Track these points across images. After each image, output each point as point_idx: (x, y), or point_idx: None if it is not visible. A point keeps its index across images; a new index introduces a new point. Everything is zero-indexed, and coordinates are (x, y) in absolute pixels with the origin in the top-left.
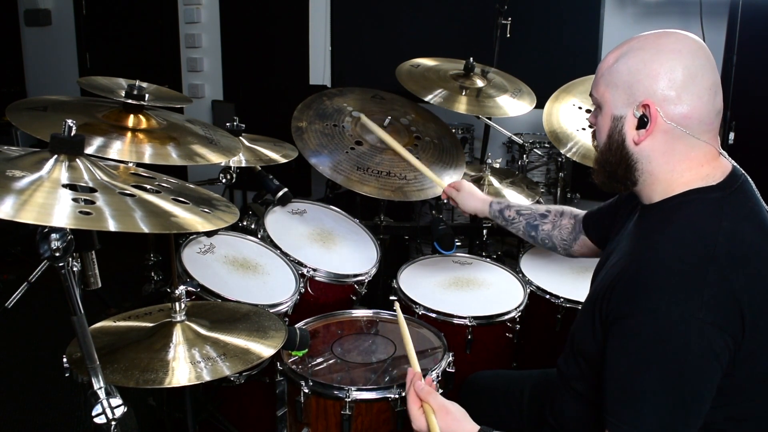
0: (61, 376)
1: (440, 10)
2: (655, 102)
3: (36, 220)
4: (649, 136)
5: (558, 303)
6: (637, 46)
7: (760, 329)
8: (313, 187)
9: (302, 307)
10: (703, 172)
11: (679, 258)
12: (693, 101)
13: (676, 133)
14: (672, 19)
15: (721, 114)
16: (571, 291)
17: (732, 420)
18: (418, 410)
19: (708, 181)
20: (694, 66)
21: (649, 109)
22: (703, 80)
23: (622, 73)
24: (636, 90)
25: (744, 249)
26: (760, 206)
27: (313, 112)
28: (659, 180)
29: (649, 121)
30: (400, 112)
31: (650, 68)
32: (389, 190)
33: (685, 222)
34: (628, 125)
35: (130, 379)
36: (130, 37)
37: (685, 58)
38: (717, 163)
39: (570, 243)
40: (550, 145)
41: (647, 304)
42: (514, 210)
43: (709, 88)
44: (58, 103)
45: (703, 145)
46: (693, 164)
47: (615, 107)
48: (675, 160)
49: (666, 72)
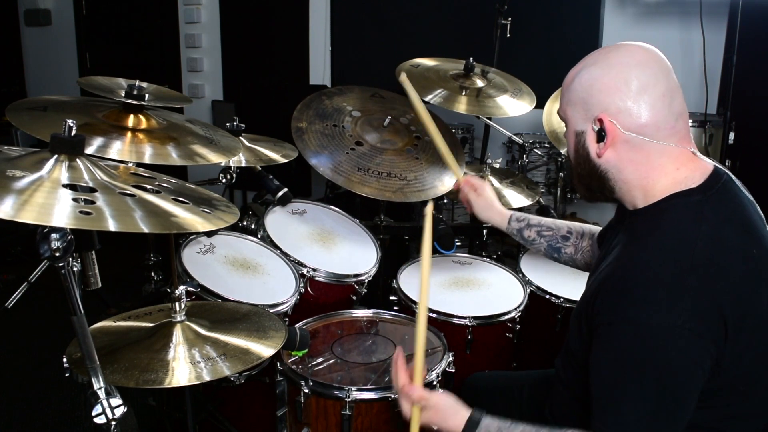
0: (61, 376)
1: (440, 10)
2: (609, 115)
3: (36, 220)
4: (609, 148)
5: (558, 303)
6: (590, 62)
7: (744, 332)
8: (313, 187)
9: (302, 307)
10: (681, 176)
11: (660, 266)
12: (647, 110)
13: (636, 141)
14: (672, 19)
15: (685, 115)
16: (571, 291)
17: (730, 419)
18: (407, 406)
19: (688, 183)
20: (644, 76)
21: (604, 123)
22: (655, 89)
23: (577, 90)
24: (591, 105)
25: (725, 253)
26: (743, 205)
27: (313, 112)
28: (635, 187)
29: (606, 134)
30: (399, 112)
31: (602, 83)
32: (390, 191)
33: (667, 229)
34: (590, 139)
35: (130, 379)
36: (130, 37)
37: (635, 70)
38: (695, 165)
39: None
40: (550, 145)
41: (628, 312)
42: (535, 231)
43: (662, 96)
44: (58, 103)
45: (672, 149)
46: (667, 169)
47: (576, 123)
48: (644, 167)
49: (617, 85)
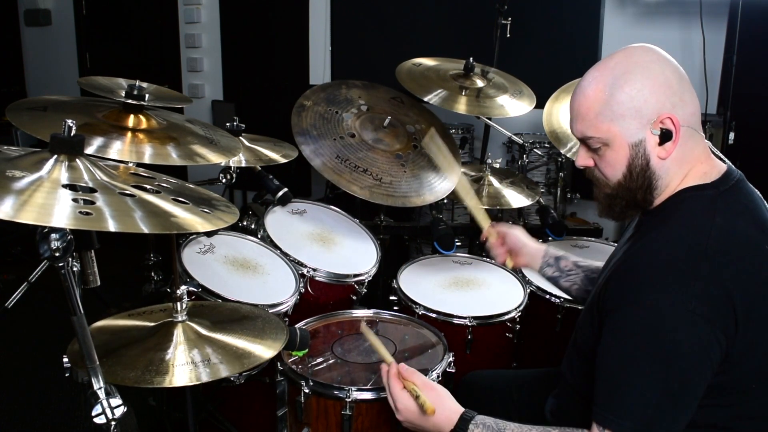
0: (61, 376)
1: (440, 10)
2: (668, 112)
3: (36, 220)
4: (676, 146)
5: (558, 303)
6: (620, 71)
7: (754, 323)
8: (313, 187)
9: (302, 307)
10: (701, 170)
11: (671, 253)
12: (691, 98)
13: (688, 134)
14: (672, 19)
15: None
16: None
17: (740, 419)
18: (401, 390)
19: (705, 179)
20: (674, 68)
21: (671, 121)
22: (684, 80)
23: (624, 102)
24: (646, 110)
25: (737, 244)
26: (756, 204)
27: (324, 95)
28: (667, 185)
29: (674, 132)
30: (410, 119)
31: (649, 85)
32: (357, 185)
33: (680, 219)
34: (650, 145)
35: (130, 379)
36: (130, 37)
37: (666, 64)
38: (712, 162)
39: None
40: (550, 145)
41: (638, 296)
42: (572, 262)
43: (691, 86)
44: (58, 103)
45: (701, 139)
46: (695, 162)
47: (629, 136)
48: (685, 161)
49: (661, 82)
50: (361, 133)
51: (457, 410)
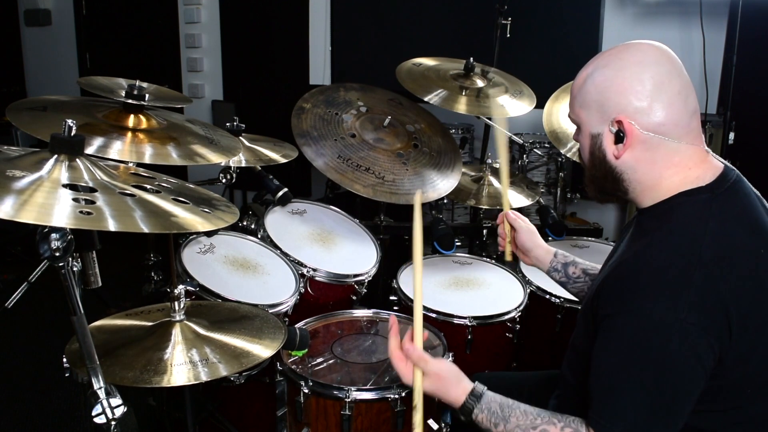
0: (61, 376)
1: (440, 10)
2: (627, 116)
3: (36, 220)
4: (628, 149)
5: (558, 303)
6: (602, 63)
7: (749, 330)
8: (313, 187)
9: (302, 307)
10: (693, 175)
11: (665, 260)
12: (665, 108)
13: (654, 141)
14: (672, 19)
15: (697, 113)
16: None
17: (738, 425)
18: (405, 366)
19: (698, 182)
20: (659, 74)
21: (623, 124)
22: (670, 86)
23: (591, 92)
24: (607, 107)
25: (732, 250)
26: (752, 205)
27: (323, 98)
28: (648, 187)
29: (625, 136)
30: (410, 119)
31: (617, 84)
32: (360, 184)
33: (674, 225)
34: (606, 141)
35: (128, 379)
36: (130, 37)
37: (650, 68)
38: (707, 165)
39: None
40: (550, 145)
41: (631, 304)
42: (581, 268)
43: (678, 93)
44: (58, 103)
45: (686, 147)
46: (680, 168)
47: (591, 126)
48: (659, 166)
49: (633, 85)
50: (361, 133)
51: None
